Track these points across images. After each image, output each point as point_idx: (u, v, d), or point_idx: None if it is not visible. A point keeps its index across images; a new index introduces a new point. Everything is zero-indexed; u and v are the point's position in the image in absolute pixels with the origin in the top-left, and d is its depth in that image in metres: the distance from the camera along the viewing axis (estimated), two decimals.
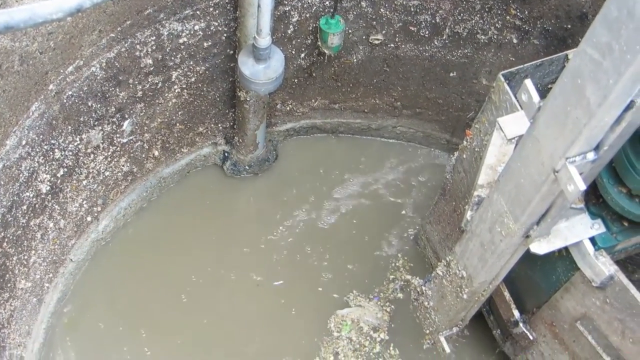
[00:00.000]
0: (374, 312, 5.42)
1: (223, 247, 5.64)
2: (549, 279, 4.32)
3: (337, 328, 5.35)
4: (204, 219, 5.71)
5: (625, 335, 3.97)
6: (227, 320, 5.40)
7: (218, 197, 5.84)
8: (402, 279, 5.66)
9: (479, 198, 3.84)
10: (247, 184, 5.92)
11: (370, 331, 5.36)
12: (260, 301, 5.49)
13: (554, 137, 2.82)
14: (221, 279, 5.53)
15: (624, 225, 3.98)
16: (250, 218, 5.80)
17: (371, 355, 5.35)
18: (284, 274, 5.61)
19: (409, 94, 5.88)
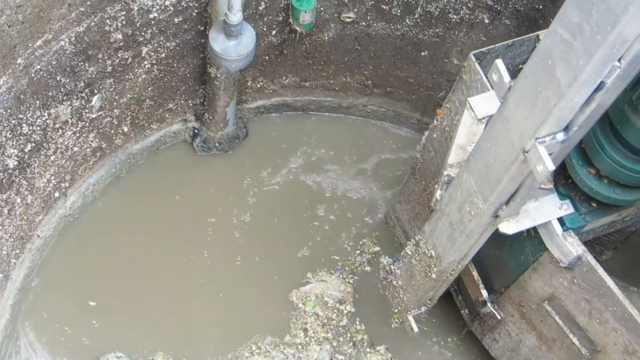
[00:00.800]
0: (336, 286, 5.43)
1: (191, 223, 5.62)
2: (517, 259, 4.34)
3: (302, 301, 5.35)
4: (173, 196, 5.69)
5: (592, 315, 3.99)
6: (197, 297, 5.39)
7: (187, 174, 5.81)
8: (370, 252, 5.67)
9: (449, 177, 3.84)
10: (217, 161, 5.89)
11: (336, 304, 5.37)
12: (229, 278, 5.48)
13: (524, 117, 2.81)
14: (189, 255, 5.51)
15: (592, 206, 4.00)
16: (219, 195, 5.77)
17: (339, 328, 5.36)
18: (252, 250, 5.60)
19: (380, 73, 5.86)
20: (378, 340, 5.41)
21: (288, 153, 5.99)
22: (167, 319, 5.29)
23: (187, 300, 5.38)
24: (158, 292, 5.36)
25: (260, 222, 5.70)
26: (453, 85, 4.34)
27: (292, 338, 5.29)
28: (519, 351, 4.78)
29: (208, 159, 5.89)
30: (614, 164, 3.58)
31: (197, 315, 5.34)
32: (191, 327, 5.31)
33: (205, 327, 5.32)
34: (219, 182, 5.82)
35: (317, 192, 5.87)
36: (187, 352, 5.21)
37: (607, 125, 3.54)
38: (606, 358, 4.09)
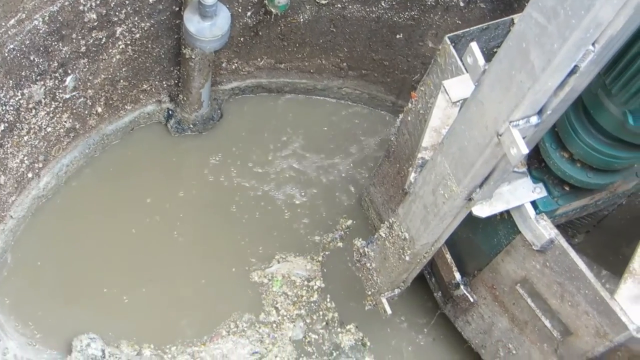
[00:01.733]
0: (303, 265, 5.45)
1: (165, 205, 5.60)
2: (491, 242, 4.36)
3: (269, 281, 5.36)
4: (147, 177, 5.66)
5: (564, 298, 4.02)
6: (171, 278, 5.38)
7: (161, 155, 5.79)
8: (342, 228, 5.68)
9: (423, 160, 3.85)
10: (191, 142, 5.87)
11: (305, 282, 5.39)
12: (203, 259, 5.48)
13: (498, 100, 2.82)
14: (162, 236, 5.50)
15: (565, 189, 4.02)
16: (193, 176, 5.76)
17: (311, 304, 5.37)
18: (225, 232, 5.59)
19: (355, 55, 5.86)
20: (348, 319, 5.43)
21: (262, 134, 5.97)
22: (141, 300, 5.28)
23: (160, 281, 5.36)
24: (131, 274, 5.34)
25: (234, 203, 5.68)
26: (428, 68, 4.35)
27: (266, 316, 5.30)
28: (491, 333, 4.81)
29: (182, 140, 5.87)
30: (587, 147, 3.60)
31: (171, 297, 5.33)
32: (165, 309, 5.30)
33: (180, 309, 5.30)
34: (193, 164, 5.81)
35: (291, 173, 5.87)
36: (161, 334, 5.20)
37: (581, 109, 3.56)
38: (577, 341, 4.11)
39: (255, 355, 5.15)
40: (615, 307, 3.80)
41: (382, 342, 5.45)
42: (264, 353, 5.17)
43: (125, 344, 5.07)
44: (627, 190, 4.44)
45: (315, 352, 5.28)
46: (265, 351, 5.18)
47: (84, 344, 4.98)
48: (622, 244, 5.15)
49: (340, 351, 5.29)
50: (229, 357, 5.13)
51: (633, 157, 3.68)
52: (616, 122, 3.38)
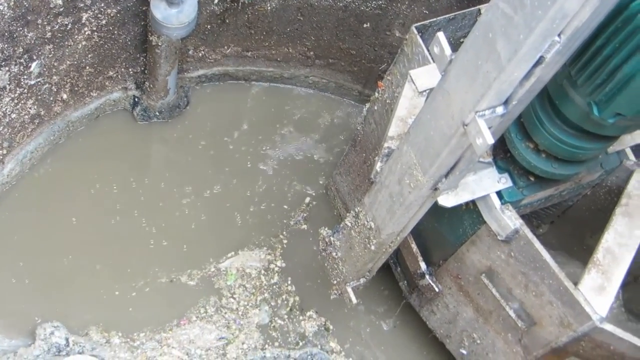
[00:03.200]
0: (256, 256, 5.43)
1: (129, 192, 5.57)
2: (456, 232, 4.37)
3: (223, 277, 5.35)
4: (112, 164, 5.63)
5: (529, 288, 4.04)
6: (134, 266, 5.35)
7: (127, 142, 5.75)
8: (306, 210, 5.69)
9: (389, 150, 3.85)
10: (157, 130, 5.84)
11: (261, 271, 5.38)
12: (169, 248, 5.45)
13: (464, 90, 2.82)
14: (126, 224, 5.46)
15: (530, 180, 4.04)
16: (159, 164, 5.73)
17: (273, 287, 5.38)
18: (190, 219, 5.57)
19: (322, 44, 5.85)
20: (308, 303, 5.44)
21: (229, 122, 5.95)
22: (106, 288, 5.25)
23: (126, 269, 5.33)
24: (96, 262, 5.31)
25: (199, 192, 5.66)
26: (395, 58, 4.35)
27: (227, 301, 5.29)
28: (456, 323, 4.83)
29: (148, 128, 5.83)
30: (552, 138, 3.62)
31: (137, 285, 5.30)
32: (131, 297, 5.27)
33: (143, 296, 5.28)
34: (159, 151, 5.78)
35: (257, 161, 5.85)
36: (128, 322, 5.17)
37: (546, 100, 3.57)
38: (542, 330, 4.14)
39: (222, 341, 5.14)
40: (579, 297, 3.82)
41: (344, 325, 5.47)
42: (230, 339, 5.15)
43: (93, 332, 5.03)
44: (591, 181, 4.47)
45: (280, 339, 5.27)
46: (232, 337, 5.17)
47: (47, 332, 4.94)
48: (587, 234, 5.19)
49: (307, 340, 5.29)
50: (195, 342, 5.12)
51: (597, 148, 3.71)
52: (581, 113, 3.40)
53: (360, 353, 5.39)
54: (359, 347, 5.42)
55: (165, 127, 5.86)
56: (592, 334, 3.90)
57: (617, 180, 4.55)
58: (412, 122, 3.35)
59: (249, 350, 5.14)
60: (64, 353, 4.89)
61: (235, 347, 5.13)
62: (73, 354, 4.88)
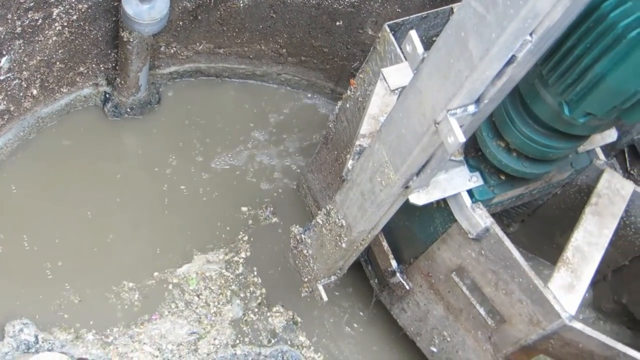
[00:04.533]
0: (215, 257, 5.42)
1: (99, 189, 5.53)
2: (427, 230, 4.38)
3: (185, 282, 5.33)
4: (82, 161, 5.59)
5: (499, 286, 4.06)
6: (102, 264, 5.32)
7: (97, 138, 5.72)
8: (275, 206, 5.69)
9: (361, 147, 3.85)
10: (128, 126, 5.81)
11: (222, 270, 5.37)
12: (137, 246, 5.43)
13: (436, 88, 2.83)
14: (96, 221, 5.43)
15: (501, 178, 4.05)
16: (129, 160, 5.70)
17: (240, 279, 5.37)
18: (159, 217, 5.55)
19: (295, 42, 5.84)
20: (274, 297, 5.45)
21: (200, 119, 5.94)
22: (78, 285, 5.22)
23: (95, 266, 5.31)
24: (67, 258, 5.27)
25: (169, 189, 5.64)
26: (367, 56, 4.35)
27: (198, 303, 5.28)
28: (426, 321, 4.84)
29: (119, 124, 5.80)
30: (523, 137, 3.63)
31: (107, 281, 5.27)
32: (102, 292, 5.24)
33: (112, 293, 5.25)
34: (129, 148, 5.75)
35: (228, 158, 5.84)
36: (99, 318, 5.15)
37: (517, 99, 3.59)
38: (511, 328, 4.16)
39: (193, 336, 5.12)
40: (548, 295, 3.84)
41: (312, 317, 5.49)
42: (202, 334, 5.14)
43: (62, 329, 5.01)
44: (561, 180, 4.50)
45: (251, 335, 5.27)
46: (204, 332, 5.15)
47: (16, 330, 4.91)
48: (557, 233, 5.23)
49: (279, 338, 5.28)
50: (167, 337, 5.10)
51: (568, 147, 3.73)
52: (552, 112, 3.42)
53: (330, 350, 5.40)
54: (330, 344, 5.42)
55: (137, 123, 5.83)
56: (561, 332, 3.92)
57: (587, 179, 4.58)
58: (384, 120, 3.36)
59: (220, 346, 5.13)
60: (33, 350, 4.86)
61: (206, 343, 5.12)
62: (42, 351, 4.85)
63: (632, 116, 3.29)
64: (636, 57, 2.90)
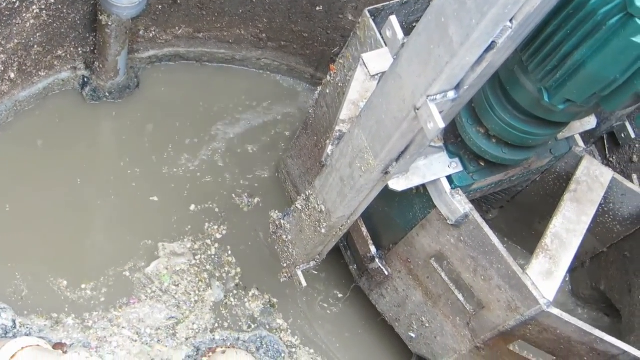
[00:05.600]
0: (180, 248, 5.39)
1: (76, 173, 5.48)
2: (406, 216, 4.39)
3: (157, 278, 5.30)
4: (60, 145, 5.55)
5: (477, 272, 4.06)
6: (81, 247, 5.29)
7: (76, 122, 5.68)
8: (252, 190, 5.68)
9: (340, 133, 3.85)
10: (106, 110, 5.78)
11: (189, 262, 5.35)
12: (115, 230, 5.40)
13: (416, 74, 2.82)
14: (72, 204, 5.38)
15: (480, 165, 4.06)
16: (107, 145, 5.67)
17: (213, 258, 5.36)
18: (134, 202, 5.51)
19: (275, 27, 5.82)
20: (249, 279, 5.43)
21: (179, 104, 5.91)
22: (53, 269, 5.19)
23: (72, 250, 5.28)
24: (43, 242, 5.24)
25: (148, 173, 5.61)
26: (347, 41, 4.34)
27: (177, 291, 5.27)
28: (405, 307, 4.85)
29: (97, 108, 5.77)
30: (503, 123, 3.64)
31: (83, 265, 5.25)
32: (79, 276, 5.21)
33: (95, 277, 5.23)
34: (107, 132, 5.72)
35: (207, 143, 5.82)
36: (77, 303, 5.12)
37: (497, 86, 3.59)
38: (490, 314, 4.17)
39: (171, 320, 5.11)
40: (527, 281, 3.86)
41: (288, 299, 5.48)
42: (180, 319, 5.13)
43: (38, 315, 4.98)
44: (541, 167, 4.52)
45: (230, 320, 5.26)
46: (182, 317, 5.14)
47: None
48: (535, 220, 5.24)
49: (258, 323, 5.28)
50: (145, 321, 5.09)
51: (547, 134, 3.74)
52: (532, 98, 3.42)
53: (307, 334, 5.40)
54: (307, 328, 5.42)
55: (115, 107, 5.80)
56: (539, 318, 3.94)
57: (566, 166, 4.60)
58: (364, 106, 3.35)
59: (199, 331, 5.12)
60: (11, 335, 4.83)
61: (185, 327, 5.10)
62: (20, 335, 4.83)
63: (611, 103, 3.30)
64: (616, 44, 2.90)
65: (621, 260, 5.09)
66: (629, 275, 4.98)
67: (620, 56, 2.95)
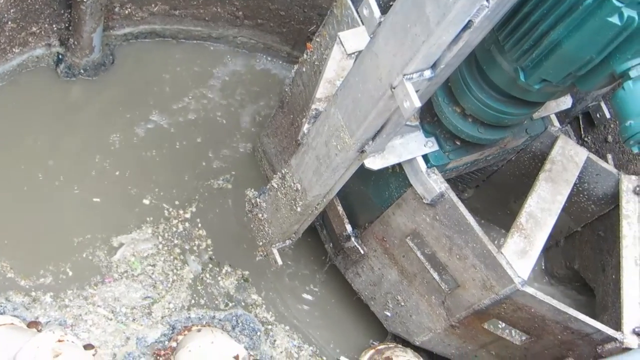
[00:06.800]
0: (145, 235, 5.37)
1: (49, 150, 5.44)
2: (382, 194, 4.39)
3: (129, 267, 5.28)
4: (34, 121, 5.50)
5: (452, 251, 4.08)
6: (55, 225, 5.26)
7: (50, 99, 5.63)
8: (228, 168, 5.66)
9: (317, 111, 3.84)
10: (81, 87, 5.73)
11: (155, 248, 5.32)
12: (89, 209, 5.37)
13: (393, 53, 2.82)
14: (46, 182, 5.33)
15: (456, 144, 4.07)
16: (81, 122, 5.62)
17: (183, 234, 5.35)
18: (111, 182, 5.46)
19: (251, 4, 5.80)
20: (221, 254, 5.44)
21: (154, 81, 5.87)
22: (27, 247, 5.16)
23: (44, 225, 5.24)
24: (17, 220, 5.21)
25: (121, 150, 5.58)
26: (324, 20, 4.32)
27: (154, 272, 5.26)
28: (380, 285, 4.86)
29: (72, 85, 5.72)
30: (479, 103, 3.65)
31: (60, 243, 5.22)
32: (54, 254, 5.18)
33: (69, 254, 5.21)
34: (82, 109, 5.67)
35: (181, 120, 5.79)
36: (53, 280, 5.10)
37: (474, 65, 3.59)
38: (465, 293, 4.19)
39: (147, 300, 5.10)
40: (501, 260, 3.87)
41: (262, 274, 5.49)
42: (156, 298, 5.12)
43: (15, 292, 4.96)
44: (516, 147, 4.53)
45: (206, 298, 5.26)
46: (158, 296, 5.13)
47: None
48: (511, 199, 5.26)
49: (235, 301, 5.28)
50: (120, 300, 5.07)
51: (523, 114, 3.75)
52: (508, 78, 3.43)
53: (282, 312, 5.40)
54: (281, 306, 5.43)
55: (90, 84, 5.75)
56: (513, 297, 3.96)
57: (542, 146, 4.61)
58: (340, 84, 3.35)
59: (175, 310, 5.12)
60: None
61: (160, 307, 5.10)
62: None
63: (586, 83, 3.31)
64: (592, 24, 2.91)
65: (595, 239, 5.12)
66: (602, 255, 5.01)
67: (596, 36, 2.96)
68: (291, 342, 5.35)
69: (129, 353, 4.87)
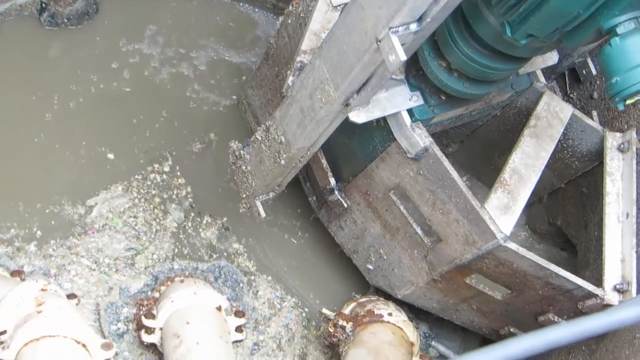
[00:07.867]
0: (118, 193, 5.34)
1: (32, 101, 5.39)
2: (366, 148, 4.38)
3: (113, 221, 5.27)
4: (16, 71, 5.45)
5: (436, 206, 4.08)
6: (34, 177, 5.23)
7: (33, 48, 5.58)
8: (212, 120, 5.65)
9: (302, 64, 3.82)
10: (65, 36, 5.68)
11: (131, 202, 5.31)
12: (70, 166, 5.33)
13: (379, 5, 2.80)
14: (30, 133, 5.31)
15: (441, 98, 4.06)
16: (65, 72, 5.57)
17: (161, 184, 5.34)
18: (89, 136, 5.43)
19: None
20: (201, 204, 5.44)
21: (139, 31, 5.82)
22: (9, 197, 5.15)
23: (25, 179, 5.22)
24: None
25: (103, 99, 5.54)
26: None
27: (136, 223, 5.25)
28: (363, 239, 4.87)
29: (55, 34, 5.66)
30: (465, 57, 3.63)
31: (39, 195, 5.20)
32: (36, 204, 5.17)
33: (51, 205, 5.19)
34: (65, 59, 5.62)
35: (166, 72, 5.76)
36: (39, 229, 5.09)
37: (460, 19, 3.57)
38: (447, 248, 4.20)
39: (130, 251, 5.10)
40: (484, 215, 3.88)
41: (242, 222, 5.50)
42: (139, 249, 5.12)
43: None
44: (501, 102, 4.52)
45: (189, 248, 5.26)
46: (142, 248, 5.13)
47: None
48: (495, 154, 5.27)
49: (218, 252, 5.29)
50: (103, 251, 5.07)
51: (509, 69, 3.74)
52: (494, 32, 3.42)
53: (263, 261, 5.41)
54: (263, 256, 5.44)
55: (73, 33, 5.70)
56: (495, 252, 3.97)
57: (527, 101, 4.61)
58: (326, 37, 3.32)
59: (159, 260, 5.12)
60: None
61: (144, 258, 5.10)
62: None
63: (573, 39, 3.30)
64: None
65: (578, 196, 5.14)
66: (585, 211, 5.03)
67: None
68: (274, 292, 5.37)
69: (111, 303, 4.88)
